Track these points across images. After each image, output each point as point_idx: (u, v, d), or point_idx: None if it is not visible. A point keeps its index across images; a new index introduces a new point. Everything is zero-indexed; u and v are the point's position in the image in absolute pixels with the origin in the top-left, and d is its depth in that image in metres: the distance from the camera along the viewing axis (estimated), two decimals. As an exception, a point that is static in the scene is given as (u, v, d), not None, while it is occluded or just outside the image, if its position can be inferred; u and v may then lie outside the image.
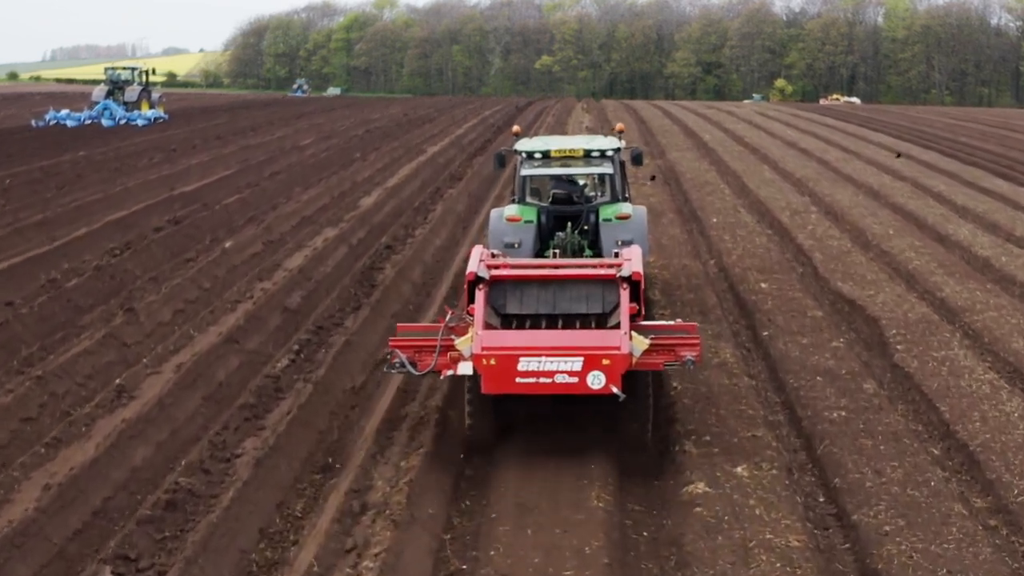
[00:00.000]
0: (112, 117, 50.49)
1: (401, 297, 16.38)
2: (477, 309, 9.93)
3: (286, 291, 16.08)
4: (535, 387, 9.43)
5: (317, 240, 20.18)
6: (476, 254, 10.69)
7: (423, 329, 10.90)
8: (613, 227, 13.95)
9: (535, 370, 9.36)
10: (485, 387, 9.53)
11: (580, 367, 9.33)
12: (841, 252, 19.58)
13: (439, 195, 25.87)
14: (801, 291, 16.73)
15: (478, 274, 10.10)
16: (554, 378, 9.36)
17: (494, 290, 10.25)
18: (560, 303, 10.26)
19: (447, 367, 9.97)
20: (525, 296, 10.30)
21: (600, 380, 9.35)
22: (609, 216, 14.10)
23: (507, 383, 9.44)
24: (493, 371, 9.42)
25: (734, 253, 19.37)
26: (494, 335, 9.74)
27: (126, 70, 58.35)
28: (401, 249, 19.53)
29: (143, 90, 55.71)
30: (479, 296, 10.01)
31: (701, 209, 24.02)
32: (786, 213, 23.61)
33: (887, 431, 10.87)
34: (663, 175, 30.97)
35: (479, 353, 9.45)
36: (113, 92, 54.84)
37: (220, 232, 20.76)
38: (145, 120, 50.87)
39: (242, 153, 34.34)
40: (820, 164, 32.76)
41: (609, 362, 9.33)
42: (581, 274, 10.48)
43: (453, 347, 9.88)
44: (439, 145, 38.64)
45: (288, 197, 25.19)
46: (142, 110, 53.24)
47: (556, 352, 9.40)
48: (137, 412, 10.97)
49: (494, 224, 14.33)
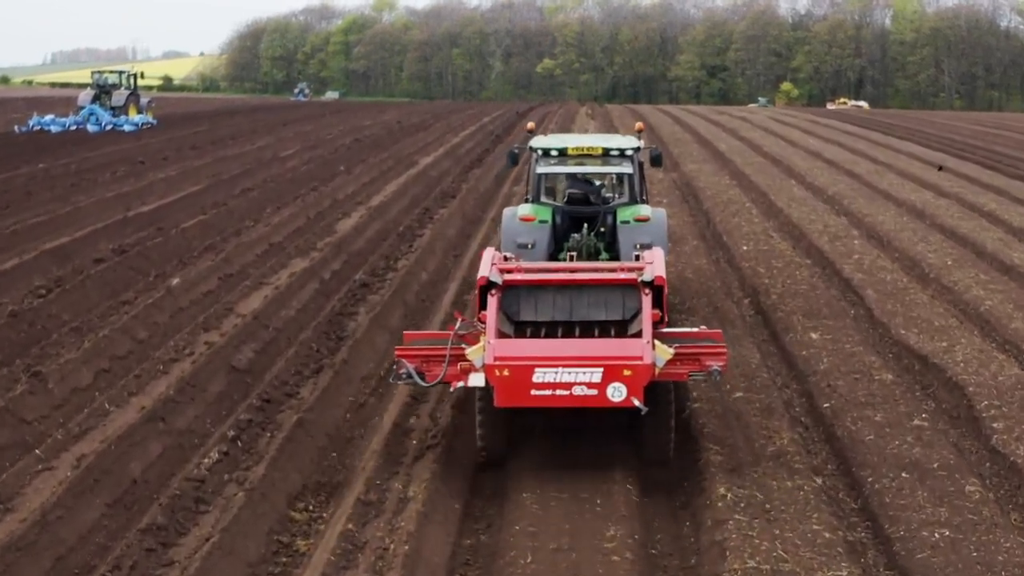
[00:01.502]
0: (98, 122, 48.53)
1: (374, 352, 13.45)
2: (489, 316, 9.35)
3: (235, 345, 13.18)
4: (552, 400, 8.93)
5: (282, 274, 17.27)
6: (488, 257, 10.08)
7: (431, 337, 10.28)
8: (631, 230, 13.35)
9: (552, 382, 8.84)
10: (498, 400, 9.00)
11: (600, 378, 8.83)
12: (897, 288, 16.66)
13: (428, 217, 22.92)
14: (860, 343, 13.80)
15: (490, 279, 9.52)
16: (572, 390, 8.85)
17: (507, 296, 9.71)
18: (577, 310, 9.72)
19: (457, 378, 9.40)
20: (540, 302, 9.76)
21: (621, 392, 8.84)
22: (627, 218, 13.49)
23: (522, 396, 8.93)
24: (507, 383, 8.89)
25: (772, 291, 16.43)
26: (508, 344, 9.25)
27: (113, 73, 56.33)
28: (379, 287, 16.60)
29: (131, 94, 53.73)
30: (491, 302, 9.44)
31: (727, 234, 21.09)
32: (824, 238, 20.66)
33: (1011, 561, 7.98)
34: (680, 190, 27.99)
35: (492, 364, 8.93)
36: (100, 96, 52.70)
37: (170, 265, 17.85)
38: (132, 126, 49.00)
39: (216, 166, 31.42)
40: (851, 178, 29.79)
41: (631, 373, 8.85)
42: (600, 279, 9.92)
43: (464, 357, 9.26)
44: (432, 156, 35.64)
45: (257, 219, 22.28)
46: (130, 115, 51.37)
47: (574, 362, 8.87)
48: (8, 533, 8.09)
49: (507, 223, 13.71)
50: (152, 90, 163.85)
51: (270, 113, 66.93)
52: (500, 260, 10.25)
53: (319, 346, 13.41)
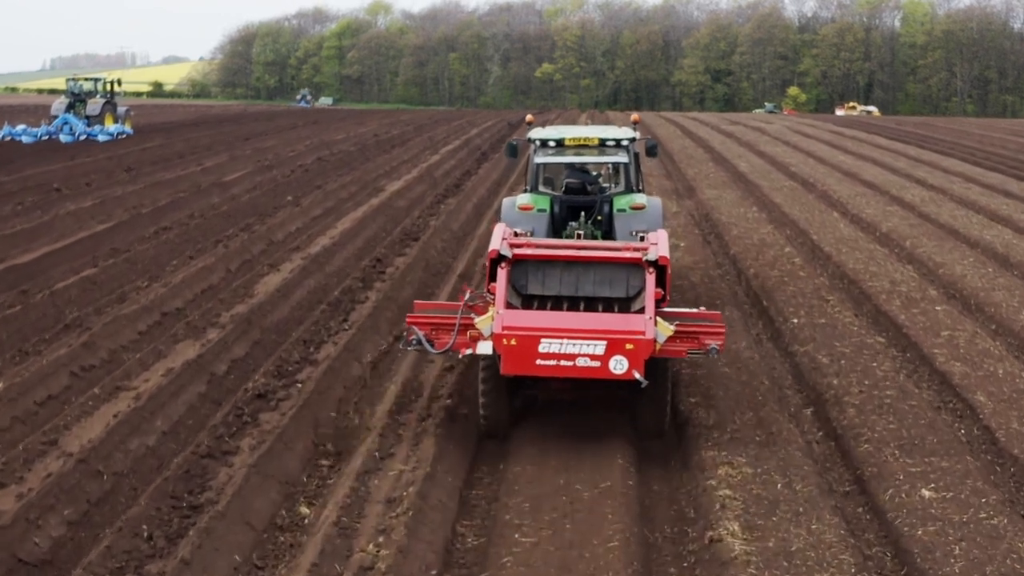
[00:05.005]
0: (71, 132, 45.59)
1: (239, 541, 8.37)
2: (499, 288, 9.79)
3: (40, 515, 8.29)
4: (555, 370, 9.37)
5: (157, 368, 12.28)
6: (499, 232, 10.56)
7: (441, 307, 10.63)
8: (627, 217, 13.63)
9: (556, 352, 9.27)
10: (504, 368, 9.43)
11: (603, 351, 9.27)
12: (1018, 390, 11.71)
13: (379, 270, 17.79)
14: (996, 507, 8.80)
15: (500, 252, 9.96)
16: (575, 361, 9.29)
17: (516, 269, 10.07)
18: (583, 286, 10.09)
19: (465, 346, 9.84)
20: (547, 277, 10.13)
21: (623, 365, 9.28)
22: (623, 206, 13.77)
23: (527, 365, 9.35)
24: (513, 352, 9.32)
25: (846, 401, 11.39)
26: (516, 315, 9.62)
27: (88, 81, 53.44)
28: (283, 396, 11.55)
29: (107, 103, 50.73)
30: (501, 274, 9.87)
31: (768, 295, 16.04)
32: (896, 302, 15.61)
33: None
34: (699, 227, 22.88)
35: (500, 333, 9.35)
36: (74, 105, 49.80)
37: (5, 355, 12.86)
38: (107, 136, 46.31)
39: (144, 194, 26.34)
40: (904, 208, 24.61)
41: (633, 347, 9.27)
42: (606, 256, 10.22)
43: (472, 326, 9.75)
44: (403, 180, 30.36)
45: (157, 275, 17.26)
46: (105, 124, 48.48)
47: (579, 335, 9.31)
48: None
49: (506, 213, 13.83)
50: (142, 96, 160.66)
51: (240, 125, 61.57)
52: (510, 235, 10.60)
53: (160, 520, 8.43)
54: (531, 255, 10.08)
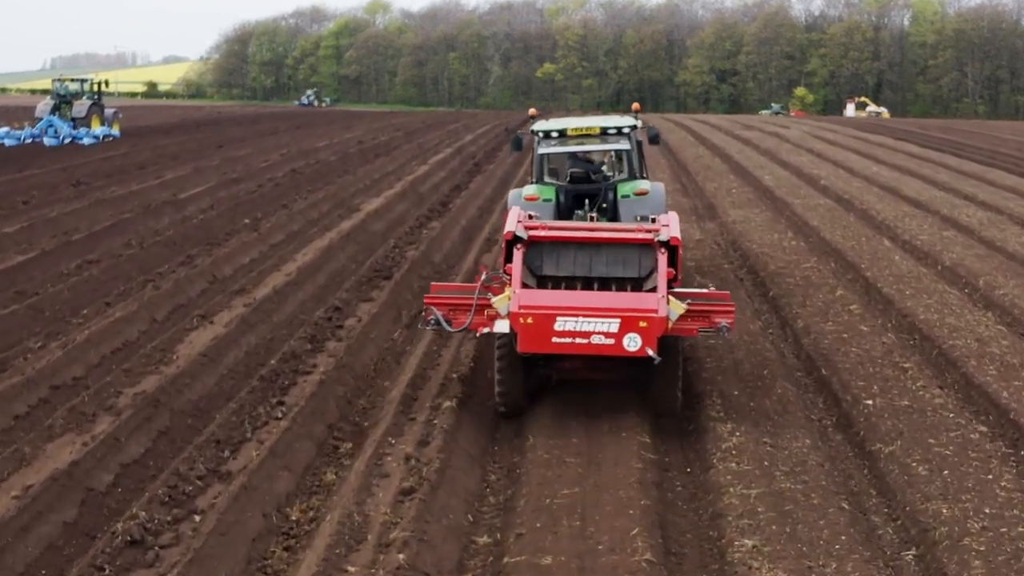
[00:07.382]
0: (56, 135, 43.95)
1: None
2: (515, 268, 10.06)
3: None
4: (571, 347, 9.62)
5: (9, 486, 8.90)
6: (514, 215, 10.76)
7: (458, 288, 11.03)
8: (631, 203, 13.87)
9: (572, 330, 9.51)
10: (521, 346, 9.69)
11: (617, 328, 9.50)
12: None
13: (337, 323, 14.23)
14: None
15: (516, 234, 10.18)
16: (590, 339, 9.52)
17: (531, 251, 10.29)
18: (596, 266, 10.29)
19: (483, 325, 10.18)
20: (562, 258, 10.32)
21: (636, 342, 9.49)
22: (627, 192, 14.03)
23: (543, 342, 9.61)
24: (530, 330, 9.58)
25: (966, 544, 7.96)
26: (532, 294, 9.89)
27: (75, 82, 51.61)
28: (167, 543, 8.13)
29: (93, 104, 48.73)
30: (516, 256, 10.13)
31: (827, 361, 12.54)
32: (991, 370, 12.11)
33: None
34: (728, 258, 19.35)
35: (516, 311, 9.65)
36: (60, 107, 48.17)
37: None
38: (93, 139, 44.58)
39: (84, 213, 22.84)
40: (963, 234, 21.03)
41: (646, 324, 9.50)
42: (619, 237, 10.43)
43: (489, 305, 10.07)
44: (384, 196, 26.76)
45: (58, 331, 13.79)
46: (92, 127, 46.83)
47: (593, 313, 9.55)
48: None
49: (512, 204, 13.75)
50: (136, 97, 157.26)
51: (217, 130, 57.87)
52: (525, 218, 10.79)
53: None
54: (546, 236, 10.42)
